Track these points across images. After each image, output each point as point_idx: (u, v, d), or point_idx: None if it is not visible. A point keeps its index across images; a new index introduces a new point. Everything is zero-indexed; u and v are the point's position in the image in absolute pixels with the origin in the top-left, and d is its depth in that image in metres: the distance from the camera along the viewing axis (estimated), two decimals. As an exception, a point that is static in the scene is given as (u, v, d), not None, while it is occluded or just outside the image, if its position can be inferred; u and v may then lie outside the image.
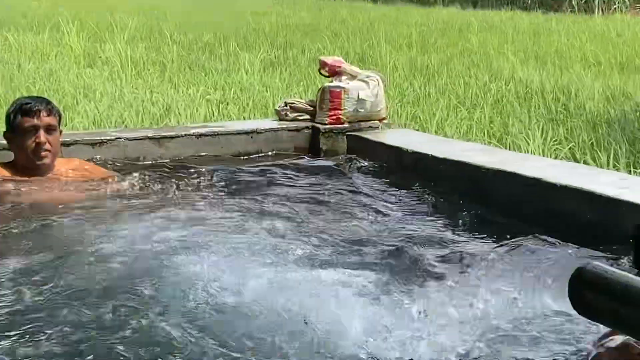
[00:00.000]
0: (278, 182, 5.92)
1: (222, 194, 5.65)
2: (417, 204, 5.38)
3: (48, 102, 5.60)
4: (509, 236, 4.60)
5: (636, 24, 26.53)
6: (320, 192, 5.76)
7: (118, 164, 5.99)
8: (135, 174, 5.73)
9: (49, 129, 5.43)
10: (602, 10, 36.99)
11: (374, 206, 5.39)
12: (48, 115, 5.44)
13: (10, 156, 5.64)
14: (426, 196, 5.42)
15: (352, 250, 4.58)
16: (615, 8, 37.57)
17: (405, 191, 5.59)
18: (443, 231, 4.92)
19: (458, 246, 4.63)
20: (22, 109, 5.41)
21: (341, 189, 5.78)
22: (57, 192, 5.40)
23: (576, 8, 38.29)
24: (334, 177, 6.01)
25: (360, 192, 5.69)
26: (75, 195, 5.43)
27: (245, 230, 4.94)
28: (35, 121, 5.37)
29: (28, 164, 5.45)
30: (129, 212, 5.21)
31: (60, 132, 5.60)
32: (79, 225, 5.00)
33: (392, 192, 5.64)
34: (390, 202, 5.46)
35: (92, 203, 5.36)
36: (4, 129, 5.63)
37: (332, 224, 5.18)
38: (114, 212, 5.23)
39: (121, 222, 4.97)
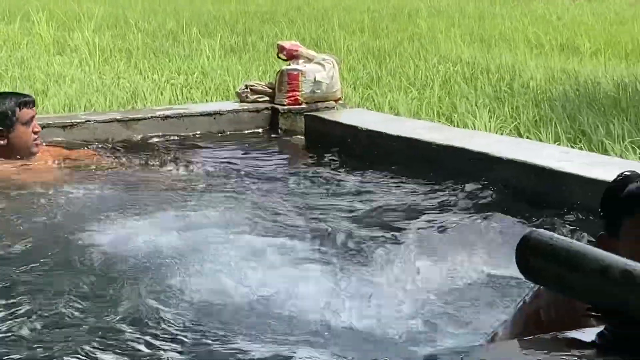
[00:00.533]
0: (239, 160, 5.97)
1: (187, 171, 5.68)
2: (372, 179, 5.42)
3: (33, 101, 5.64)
4: (458, 208, 4.68)
5: (575, 8, 26.54)
6: (278, 170, 5.81)
7: (89, 146, 6.03)
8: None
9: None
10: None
11: (330, 181, 5.43)
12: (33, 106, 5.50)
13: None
14: (381, 172, 5.44)
15: (308, 226, 4.61)
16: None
17: (360, 168, 5.63)
18: (397, 204, 4.94)
19: (411, 218, 4.68)
20: (24, 102, 5.46)
21: (298, 167, 5.84)
22: (45, 173, 5.43)
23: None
24: (292, 156, 6.05)
25: (317, 169, 5.74)
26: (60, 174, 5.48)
27: (207, 207, 4.98)
28: (34, 112, 5.45)
29: (24, 151, 5.48)
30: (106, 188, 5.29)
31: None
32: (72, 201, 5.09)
33: (348, 169, 5.67)
34: (346, 179, 5.51)
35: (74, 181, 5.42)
36: None
37: (289, 201, 5.23)
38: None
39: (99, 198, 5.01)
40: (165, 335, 3.33)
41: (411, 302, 3.35)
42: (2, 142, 5.32)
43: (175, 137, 6.25)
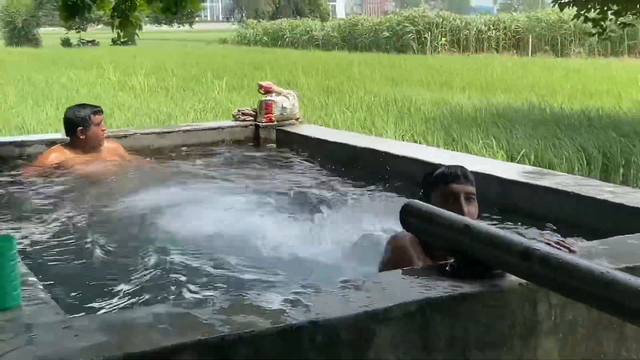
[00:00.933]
0: (234, 156, 5.94)
1: (203, 166, 5.64)
2: (317, 170, 5.37)
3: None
4: (372, 188, 4.64)
5: (452, 60, 26.82)
6: (257, 161, 5.77)
7: (134, 150, 5.92)
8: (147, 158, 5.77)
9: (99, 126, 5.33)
10: (431, 51, 37.15)
11: (288, 171, 5.40)
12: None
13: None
14: (323, 165, 5.42)
15: (272, 197, 4.53)
16: (439, 50, 37.72)
17: (310, 162, 5.58)
18: (331, 185, 4.88)
19: (338, 193, 4.60)
20: (96, 110, 5.31)
21: (271, 161, 5.80)
22: (106, 165, 5.33)
23: (415, 50, 38.38)
24: (267, 154, 6.03)
25: (281, 164, 5.70)
26: (117, 169, 5.37)
27: (212, 189, 4.80)
28: (102, 117, 5.33)
29: (96, 145, 5.30)
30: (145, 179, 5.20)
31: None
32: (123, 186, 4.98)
33: (301, 163, 5.62)
34: (300, 169, 5.47)
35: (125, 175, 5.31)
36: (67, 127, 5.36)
37: (264, 182, 5.18)
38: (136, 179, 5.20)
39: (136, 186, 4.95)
40: (176, 265, 3.20)
41: (331, 245, 3.29)
42: (82, 137, 5.22)
43: (192, 144, 6.20)
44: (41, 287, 2.19)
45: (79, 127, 5.23)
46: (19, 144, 5.59)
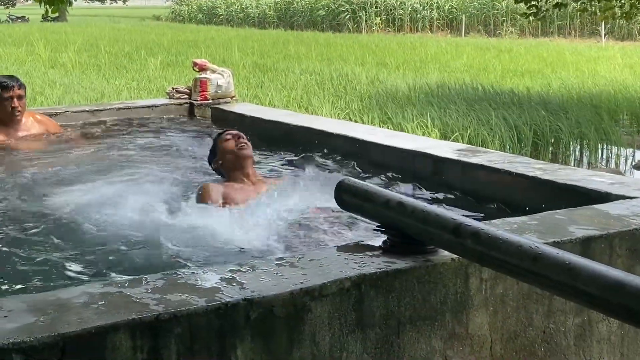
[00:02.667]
0: (167, 134, 5.86)
1: (131, 144, 5.55)
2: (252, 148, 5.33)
3: (18, 79, 5.37)
4: (305, 165, 4.61)
5: (387, 39, 26.96)
6: (189, 139, 5.69)
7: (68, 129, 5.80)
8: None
9: (20, 98, 5.23)
10: (367, 31, 37.33)
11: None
12: (19, 88, 5.23)
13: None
14: (257, 143, 5.38)
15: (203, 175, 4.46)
16: (374, 29, 37.93)
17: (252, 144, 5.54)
18: (268, 162, 4.88)
19: (272, 170, 4.63)
20: (5, 85, 5.19)
21: (204, 138, 5.74)
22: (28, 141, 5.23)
23: (351, 29, 38.50)
24: (201, 131, 5.95)
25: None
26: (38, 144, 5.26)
27: (144, 167, 4.69)
28: (13, 93, 5.17)
29: (5, 120, 5.23)
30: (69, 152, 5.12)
31: (25, 97, 5.36)
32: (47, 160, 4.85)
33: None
34: None
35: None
36: None
37: (194, 160, 5.13)
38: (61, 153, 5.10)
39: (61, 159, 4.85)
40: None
41: (266, 223, 3.21)
42: None
43: (125, 121, 6.09)
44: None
45: None
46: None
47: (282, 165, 4.79)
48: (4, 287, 2.54)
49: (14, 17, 49.36)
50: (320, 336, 2.02)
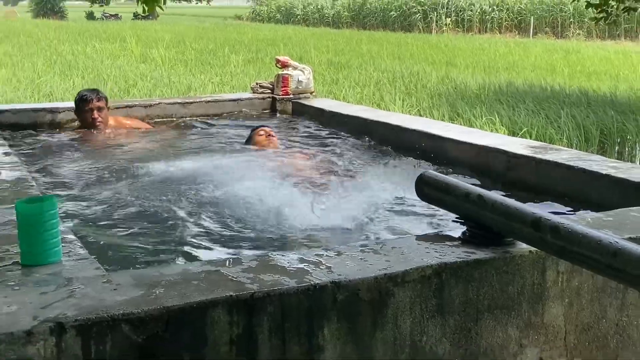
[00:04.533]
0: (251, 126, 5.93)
1: (222, 135, 5.63)
2: (330, 140, 5.35)
3: (98, 92, 5.41)
4: (383, 158, 4.62)
5: (456, 39, 26.64)
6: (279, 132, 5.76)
7: (159, 119, 5.91)
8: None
9: (100, 109, 5.26)
10: (436, 31, 36.93)
11: (307, 141, 5.40)
12: (98, 100, 5.28)
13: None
14: (336, 135, 5.41)
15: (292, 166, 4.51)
16: (444, 30, 37.49)
17: (324, 132, 5.58)
18: (346, 154, 4.84)
19: (354, 161, 4.55)
20: (84, 99, 5.27)
21: (288, 131, 5.81)
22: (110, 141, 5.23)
23: (421, 29, 38.16)
24: (282, 123, 6.03)
25: (300, 133, 5.70)
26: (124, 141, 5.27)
27: (237, 156, 4.63)
28: (92, 105, 5.23)
29: (88, 128, 5.27)
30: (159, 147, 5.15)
31: (108, 108, 5.37)
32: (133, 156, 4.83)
33: (317, 133, 5.63)
34: (316, 139, 5.46)
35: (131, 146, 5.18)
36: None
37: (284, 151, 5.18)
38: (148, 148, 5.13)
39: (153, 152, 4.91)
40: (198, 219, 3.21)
41: (348, 211, 3.22)
42: (77, 118, 5.28)
43: (213, 114, 6.19)
44: (80, 244, 2.21)
45: (75, 110, 5.34)
46: (50, 110, 5.60)
47: (361, 157, 4.76)
48: (113, 264, 2.61)
49: (107, 14, 50.54)
50: (402, 320, 2.02)
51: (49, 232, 2.01)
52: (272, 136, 4.73)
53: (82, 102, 5.28)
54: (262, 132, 4.72)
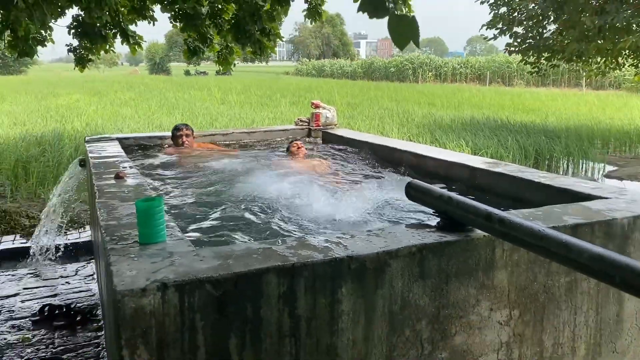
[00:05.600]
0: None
1: (276, 153, 5.56)
2: (349, 159, 5.20)
3: (187, 125, 5.39)
4: (382, 171, 4.50)
5: (434, 87, 26.31)
6: (313, 152, 5.67)
7: (232, 143, 5.92)
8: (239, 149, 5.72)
9: (188, 136, 5.26)
10: (421, 81, 36.56)
11: (333, 157, 5.26)
12: (187, 129, 5.29)
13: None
14: (354, 157, 5.28)
15: (321, 177, 4.41)
16: (426, 80, 37.13)
17: (346, 155, 5.42)
18: (357, 167, 4.77)
19: (362, 172, 4.51)
20: (176, 130, 5.26)
21: (320, 151, 5.72)
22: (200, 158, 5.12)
23: (411, 80, 37.81)
24: (316, 147, 5.95)
25: (328, 154, 5.59)
26: (212, 157, 5.17)
27: (283, 169, 4.55)
28: (183, 132, 5.25)
29: (179, 149, 5.23)
30: (236, 164, 4.98)
31: (194, 136, 5.34)
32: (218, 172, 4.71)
33: (342, 155, 5.45)
34: (340, 160, 5.35)
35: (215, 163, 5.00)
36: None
37: (316, 168, 5.06)
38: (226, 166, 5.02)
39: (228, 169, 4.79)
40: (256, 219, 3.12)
41: (358, 208, 3.17)
42: (173, 143, 5.25)
43: (268, 140, 6.17)
44: (178, 229, 2.23)
45: (171, 136, 5.33)
46: (159, 137, 5.64)
47: (369, 170, 4.70)
48: (200, 241, 2.62)
49: (199, 72, 51.03)
50: (395, 282, 2.00)
51: (158, 220, 2.03)
52: (300, 147, 5.07)
53: (176, 130, 5.30)
54: (294, 144, 5.07)
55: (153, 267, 1.77)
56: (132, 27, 8.39)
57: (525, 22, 11.97)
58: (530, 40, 11.84)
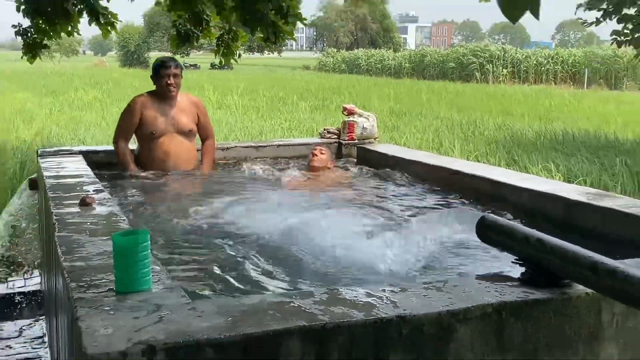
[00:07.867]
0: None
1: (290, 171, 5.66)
2: (393, 183, 5.30)
3: (175, 60, 5.39)
4: (441, 201, 4.57)
5: (511, 89, 26.40)
6: (340, 173, 5.76)
7: (234, 160, 5.99)
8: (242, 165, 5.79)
9: (176, 76, 5.26)
10: (493, 81, 36.72)
11: (371, 184, 5.37)
12: (175, 68, 5.28)
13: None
14: (398, 178, 5.37)
15: (357, 207, 4.50)
16: (500, 80, 37.26)
17: (386, 177, 5.50)
18: (410, 196, 4.82)
19: (417, 204, 4.56)
20: (166, 64, 5.25)
21: (356, 175, 5.78)
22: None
23: (479, 80, 37.95)
24: (349, 168, 6.02)
25: (365, 177, 5.66)
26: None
27: (303, 196, 4.71)
28: (168, 72, 5.24)
29: (162, 94, 5.28)
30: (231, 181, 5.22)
31: (181, 77, 5.38)
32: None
33: (379, 175, 5.56)
34: (379, 182, 5.43)
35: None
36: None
37: (348, 184, 5.21)
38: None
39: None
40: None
41: (410, 251, 3.16)
42: (154, 84, 5.32)
43: (284, 157, 6.25)
44: (167, 274, 2.27)
45: (151, 74, 5.35)
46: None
47: (422, 199, 4.74)
48: (198, 292, 2.67)
49: (187, 64, 51.73)
50: (464, 354, 2.01)
51: (141, 262, 2.08)
52: (322, 154, 5.70)
53: (161, 67, 5.28)
54: (315, 151, 5.73)
55: (136, 324, 1.81)
56: (103, 3, 8.64)
57: (640, 1, 11.97)
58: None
